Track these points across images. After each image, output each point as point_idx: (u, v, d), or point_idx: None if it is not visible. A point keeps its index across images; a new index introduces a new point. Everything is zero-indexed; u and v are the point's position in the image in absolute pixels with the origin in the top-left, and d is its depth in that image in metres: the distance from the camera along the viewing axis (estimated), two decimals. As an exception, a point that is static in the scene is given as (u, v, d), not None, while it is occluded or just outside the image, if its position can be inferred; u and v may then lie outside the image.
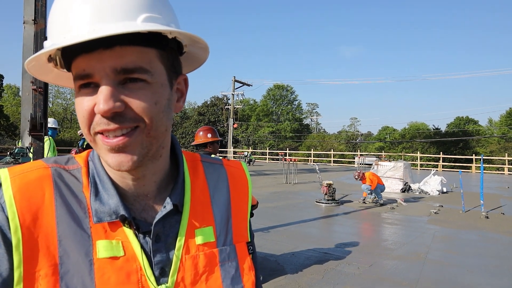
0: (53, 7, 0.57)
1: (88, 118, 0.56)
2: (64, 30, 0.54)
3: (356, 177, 10.90)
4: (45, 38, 4.36)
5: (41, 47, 4.41)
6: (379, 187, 10.80)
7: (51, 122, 6.51)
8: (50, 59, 0.61)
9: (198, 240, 0.66)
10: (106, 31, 0.51)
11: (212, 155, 3.76)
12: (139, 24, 0.54)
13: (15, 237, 0.55)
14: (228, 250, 0.69)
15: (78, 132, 13.73)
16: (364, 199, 10.97)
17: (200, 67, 0.74)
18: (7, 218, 0.56)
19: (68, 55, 0.57)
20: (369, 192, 10.78)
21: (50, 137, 6.07)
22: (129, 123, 0.56)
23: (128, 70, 0.55)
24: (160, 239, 0.63)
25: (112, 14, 0.54)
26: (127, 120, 0.55)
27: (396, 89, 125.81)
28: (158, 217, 0.63)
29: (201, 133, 4.03)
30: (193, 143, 4.09)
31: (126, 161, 0.57)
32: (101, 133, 0.56)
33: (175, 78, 0.64)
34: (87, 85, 0.56)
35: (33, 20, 4.27)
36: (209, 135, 4.00)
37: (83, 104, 0.56)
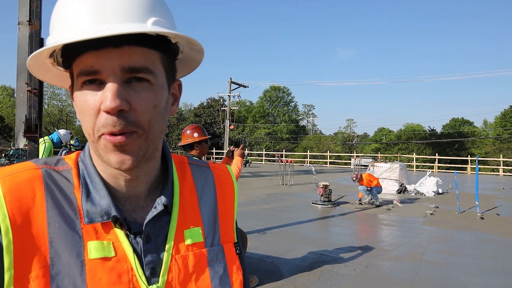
0: (61, 3, 0.58)
1: (94, 117, 0.57)
2: (74, 26, 0.55)
3: (354, 178, 10.90)
4: (40, 39, 4.35)
5: (36, 48, 4.37)
6: (375, 189, 10.82)
7: (66, 135, 6.40)
8: (51, 55, 0.62)
9: (187, 240, 0.67)
10: (123, 29, 0.52)
11: (194, 157, 3.50)
12: (149, 26, 0.56)
13: (6, 238, 0.55)
14: (216, 250, 0.70)
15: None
16: (360, 200, 11.00)
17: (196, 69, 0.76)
18: None
19: (73, 52, 0.58)
20: (365, 193, 10.80)
21: (51, 141, 5.93)
22: (130, 126, 0.57)
23: (135, 70, 0.56)
24: (150, 239, 0.63)
25: (123, 14, 0.55)
26: (128, 123, 0.56)
27: (392, 91, 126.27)
28: (149, 217, 0.63)
29: (188, 131, 3.64)
30: (179, 144, 3.73)
31: (127, 159, 0.58)
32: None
33: (171, 82, 0.66)
34: (91, 81, 0.57)
35: (28, 21, 4.26)
36: (196, 135, 3.61)
37: (87, 102, 0.57)
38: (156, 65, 0.59)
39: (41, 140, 5.46)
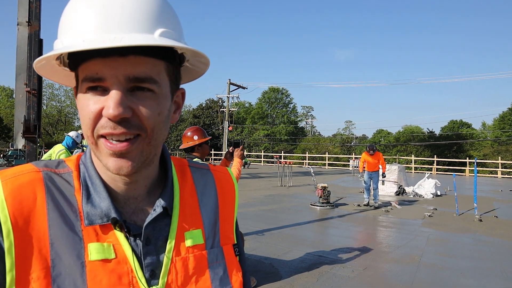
0: (71, 8, 0.58)
1: (93, 120, 0.58)
2: (82, 33, 0.56)
3: (373, 149, 10.85)
4: (40, 40, 4.35)
5: (35, 48, 4.36)
6: (367, 174, 10.93)
7: (78, 136, 6.29)
8: (57, 57, 0.63)
9: (188, 242, 0.68)
10: (129, 41, 0.53)
11: (196, 159, 3.44)
12: (157, 38, 0.57)
13: (7, 240, 0.55)
14: (216, 252, 0.71)
15: (79, 131, 13.48)
16: (363, 190, 10.95)
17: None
18: None
19: (79, 57, 0.58)
20: (368, 182, 10.82)
21: (66, 148, 5.85)
22: (134, 130, 0.58)
23: (139, 79, 0.57)
24: (150, 241, 0.64)
25: (131, 24, 0.56)
26: (132, 127, 0.58)
27: (391, 92, 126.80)
28: (148, 219, 0.64)
29: (188, 133, 3.69)
30: (181, 147, 3.75)
31: (126, 166, 0.59)
32: (104, 136, 0.58)
33: (175, 90, 0.67)
34: (96, 87, 0.58)
35: (27, 22, 4.26)
36: (196, 137, 3.64)
37: (89, 106, 0.58)
38: (161, 75, 0.60)
39: (51, 152, 5.51)
